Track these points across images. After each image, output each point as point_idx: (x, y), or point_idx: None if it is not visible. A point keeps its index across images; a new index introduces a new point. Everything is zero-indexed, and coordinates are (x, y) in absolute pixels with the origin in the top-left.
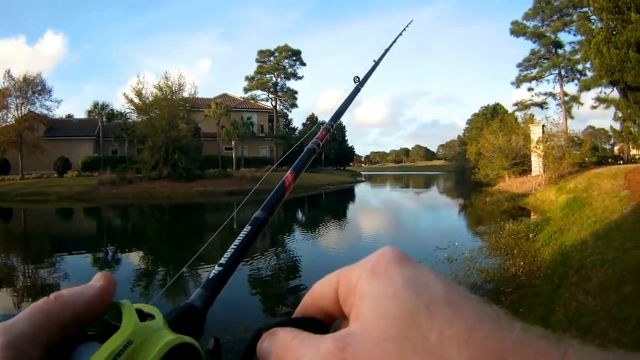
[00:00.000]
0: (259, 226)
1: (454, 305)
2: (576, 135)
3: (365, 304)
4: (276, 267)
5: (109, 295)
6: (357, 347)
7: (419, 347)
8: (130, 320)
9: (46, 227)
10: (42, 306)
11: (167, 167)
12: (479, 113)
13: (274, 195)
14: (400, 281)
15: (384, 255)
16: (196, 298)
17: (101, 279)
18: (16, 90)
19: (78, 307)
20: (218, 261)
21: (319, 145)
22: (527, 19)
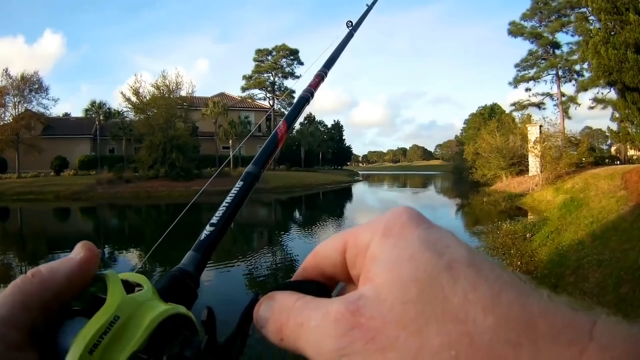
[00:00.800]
0: (251, 181)
1: (477, 269)
2: (573, 135)
3: (379, 265)
4: (273, 266)
5: (91, 267)
6: (372, 310)
7: (440, 311)
8: (116, 293)
9: (42, 226)
10: (20, 284)
11: (165, 166)
12: (477, 113)
13: (267, 147)
14: (417, 242)
15: (398, 215)
16: (187, 262)
17: (82, 250)
18: (13, 88)
19: (59, 282)
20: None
21: (311, 93)
22: (525, 19)
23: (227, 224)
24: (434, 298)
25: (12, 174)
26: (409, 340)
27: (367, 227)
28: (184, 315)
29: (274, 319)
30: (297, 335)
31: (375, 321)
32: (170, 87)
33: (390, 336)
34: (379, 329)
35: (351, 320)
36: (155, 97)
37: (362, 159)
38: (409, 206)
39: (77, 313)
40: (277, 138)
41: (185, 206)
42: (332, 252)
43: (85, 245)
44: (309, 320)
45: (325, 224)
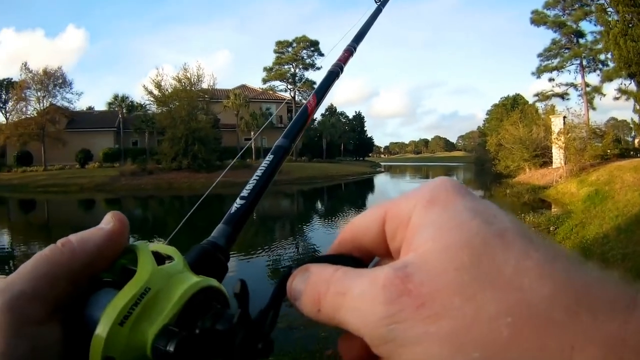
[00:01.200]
0: (282, 155)
1: (528, 238)
2: (598, 127)
3: (424, 233)
4: (295, 257)
5: (122, 238)
6: (421, 277)
7: (495, 277)
8: (147, 264)
9: (67, 217)
10: (48, 254)
11: (187, 158)
12: (499, 104)
13: (297, 121)
14: (465, 210)
15: (442, 184)
16: (218, 235)
17: (112, 220)
18: (36, 83)
19: (89, 253)
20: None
21: (341, 68)
22: (548, 7)
23: (257, 198)
24: (487, 265)
25: (39, 167)
26: (464, 307)
27: (409, 196)
28: (216, 288)
29: (311, 290)
30: (338, 305)
31: (425, 287)
32: (192, 80)
33: (444, 302)
34: (430, 295)
35: (400, 286)
36: (177, 90)
37: (384, 149)
38: (451, 178)
39: (107, 284)
40: (307, 112)
41: (207, 197)
42: (370, 224)
43: (115, 216)
44: (353, 288)
45: (347, 215)
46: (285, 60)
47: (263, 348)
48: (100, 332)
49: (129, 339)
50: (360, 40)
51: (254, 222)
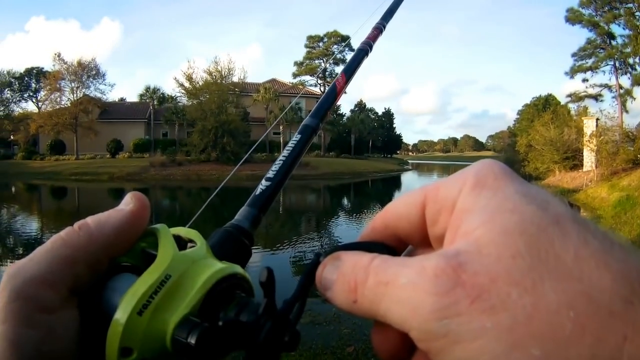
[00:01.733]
0: (309, 134)
1: (583, 225)
2: (631, 130)
3: (474, 219)
4: (320, 249)
5: (142, 220)
6: (475, 266)
7: (554, 267)
8: (167, 249)
9: (97, 204)
10: (65, 237)
11: (216, 150)
12: (530, 104)
13: (325, 99)
14: (517, 194)
15: (489, 167)
16: (242, 218)
17: (132, 201)
18: (70, 74)
19: (107, 236)
20: (265, 175)
21: (370, 46)
22: (583, 6)
23: (283, 179)
24: (545, 253)
25: (71, 156)
26: (523, 299)
27: (453, 179)
28: (240, 276)
29: (345, 279)
30: (380, 295)
31: (480, 277)
32: (223, 73)
33: (500, 293)
34: (486, 286)
35: (453, 276)
36: (208, 83)
37: (412, 147)
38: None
39: (125, 269)
40: (335, 90)
41: (234, 189)
42: (407, 209)
43: (135, 196)
44: (398, 277)
45: (372, 211)
46: (315, 55)
47: (289, 341)
48: (117, 322)
49: (147, 329)
50: (389, 18)
51: (279, 215)
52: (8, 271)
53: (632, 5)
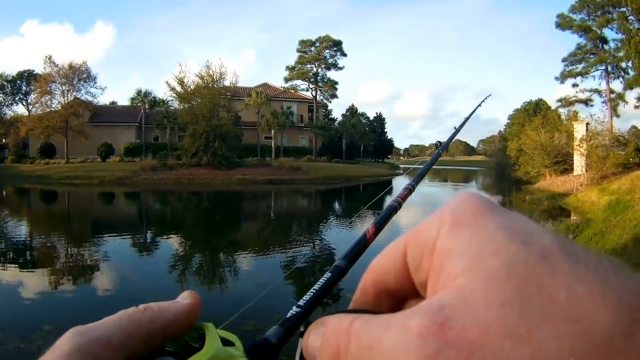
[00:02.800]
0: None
1: (573, 256)
2: (621, 134)
3: (455, 262)
4: (312, 256)
5: (195, 315)
6: (463, 320)
7: (547, 311)
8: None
9: (88, 208)
10: (132, 314)
11: (207, 154)
12: (521, 108)
13: (355, 246)
14: (498, 231)
15: (466, 201)
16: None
17: (189, 297)
18: (61, 77)
19: (165, 321)
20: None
21: (399, 204)
22: (574, 11)
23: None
24: (537, 295)
25: (61, 159)
26: (519, 350)
27: (430, 220)
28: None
29: (327, 346)
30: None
31: (469, 332)
32: (214, 77)
33: (493, 348)
34: (477, 341)
35: (440, 335)
36: (200, 87)
37: (404, 152)
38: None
39: (168, 354)
40: (365, 239)
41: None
42: (390, 261)
43: (192, 294)
44: (381, 340)
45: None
46: (307, 60)
47: None
48: None
49: None
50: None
51: (271, 219)
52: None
53: (625, 9)
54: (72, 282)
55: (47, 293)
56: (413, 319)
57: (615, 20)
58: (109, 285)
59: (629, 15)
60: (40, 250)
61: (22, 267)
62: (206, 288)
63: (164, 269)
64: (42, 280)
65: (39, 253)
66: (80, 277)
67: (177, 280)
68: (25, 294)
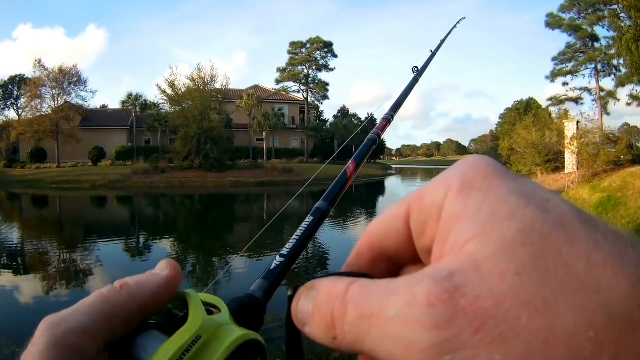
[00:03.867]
0: (320, 217)
1: (590, 224)
2: (612, 132)
3: (465, 227)
4: (305, 258)
5: (176, 286)
6: (475, 287)
7: (565, 279)
8: (198, 313)
9: (80, 213)
10: (108, 295)
11: (199, 157)
12: (512, 108)
13: (336, 185)
14: (512, 195)
15: (476, 164)
16: (257, 289)
17: (167, 268)
18: (51, 80)
19: (145, 297)
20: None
21: (379, 135)
22: (563, 11)
23: (295, 257)
24: (553, 263)
25: (52, 164)
26: (535, 321)
27: (437, 183)
28: (259, 342)
29: (320, 312)
30: (364, 330)
31: (483, 301)
32: (205, 80)
33: (509, 318)
34: (491, 311)
35: (451, 303)
36: (191, 90)
37: (396, 152)
38: (484, 156)
39: (153, 327)
40: (346, 176)
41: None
42: (391, 224)
43: (170, 263)
44: (383, 308)
45: (357, 217)
46: (298, 61)
47: None
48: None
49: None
50: (397, 109)
51: (263, 221)
52: (50, 320)
53: (616, 7)
54: (66, 286)
55: (42, 297)
56: (420, 286)
57: (606, 18)
58: None
59: (621, 13)
60: (33, 255)
61: (16, 272)
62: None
63: None
64: (36, 284)
65: (31, 258)
66: (74, 281)
67: None
68: (20, 298)
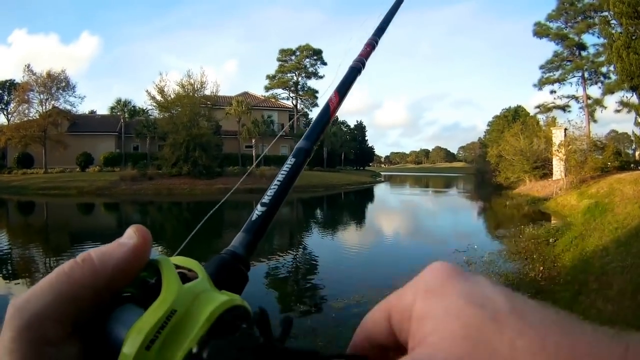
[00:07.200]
0: (303, 157)
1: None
2: (599, 139)
3: (427, 325)
4: (294, 266)
5: (145, 255)
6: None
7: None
8: (172, 283)
9: (66, 220)
10: (68, 272)
11: (188, 164)
12: (500, 115)
13: (318, 120)
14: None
15: (436, 271)
16: (238, 244)
17: (135, 235)
18: (39, 85)
19: (111, 269)
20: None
21: (363, 63)
22: (551, 20)
23: (278, 204)
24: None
25: (39, 170)
26: None
27: (408, 288)
28: (243, 307)
29: None
30: None
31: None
32: (195, 86)
33: None
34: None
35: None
36: (180, 96)
37: (385, 159)
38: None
39: (127, 299)
40: (329, 110)
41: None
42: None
43: (138, 230)
44: None
45: (348, 225)
46: (288, 69)
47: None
48: (126, 356)
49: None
50: (381, 34)
51: None
52: (14, 304)
53: (607, 14)
54: None
55: None
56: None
57: (596, 25)
58: None
59: (611, 20)
60: (19, 262)
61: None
62: None
63: None
64: (22, 292)
65: (17, 266)
66: None
67: None
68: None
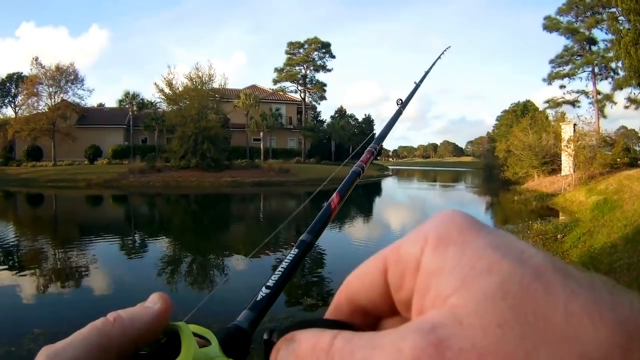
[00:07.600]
0: (305, 249)
1: (565, 273)
2: (608, 135)
3: (446, 282)
4: None
5: (167, 318)
6: (459, 341)
7: (545, 330)
8: (190, 346)
9: (74, 212)
10: (101, 328)
11: (196, 156)
12: (509, 110)
13: (320, 218)
14: (488, 249)
15: (450, 219)
16: (243, 320)
17: (159, 301)
18: (48, 78)
19: (137, 329)
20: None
21: (362, 168)
22: (561, 14)
23: (281, 288)
24: (533, 315)
25: (48, 162)
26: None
27: (412, 237)
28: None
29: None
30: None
31: (467, 354)
32: (203, 79)
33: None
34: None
35: (436, 356)
36: (188, 89)
37: (392, 153)
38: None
39: (143, 357)
40: (330, 209)
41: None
42: (368, 277)
43: (162, 297)
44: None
45: (355, 219)
46: (296, 62)
47: None
48: None
49: None
50: (380, 142)
51: (259, 221)
52: (46, 352)
53: (615, 10)
54: (61, 285)
55: (37, 297)
56: (405, 340)
57: (605, 21)
58: (97, 288)
59: (619, 16)
60: (28, 254)
61: (10, 271)
62: (197, 292)
63: (152, 272)
64: (31, 283)
65: (26, 257)
66: (68, 280)
67: (167, 283)
68: (15, 298)
